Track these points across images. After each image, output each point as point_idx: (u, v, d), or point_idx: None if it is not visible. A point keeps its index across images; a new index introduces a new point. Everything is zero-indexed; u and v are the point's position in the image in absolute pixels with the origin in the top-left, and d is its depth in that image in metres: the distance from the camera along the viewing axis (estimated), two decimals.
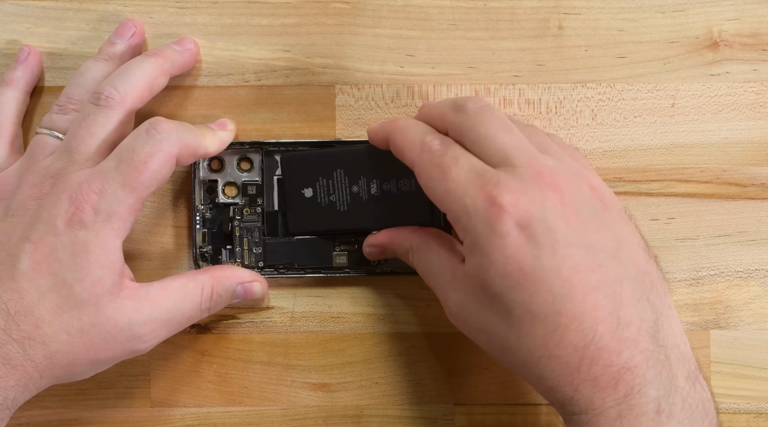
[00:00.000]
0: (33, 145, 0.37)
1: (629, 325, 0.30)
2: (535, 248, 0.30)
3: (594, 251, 0.30)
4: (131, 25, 0.39)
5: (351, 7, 0.40)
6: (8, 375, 0.32)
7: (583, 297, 0.30)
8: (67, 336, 0.33)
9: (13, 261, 0.33)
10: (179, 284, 0.36)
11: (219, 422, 0.40)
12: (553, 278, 0.30)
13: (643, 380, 0.29)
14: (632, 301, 0.30)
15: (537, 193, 0.30)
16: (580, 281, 0.30)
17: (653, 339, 0.30)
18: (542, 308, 0.30)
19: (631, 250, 0.31)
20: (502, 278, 0.30)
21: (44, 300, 0.33)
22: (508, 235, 0.30)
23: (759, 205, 0.40)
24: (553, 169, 0.31)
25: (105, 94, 0.35)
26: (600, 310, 0.30)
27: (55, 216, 0.33)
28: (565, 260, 0.30)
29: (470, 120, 0.33)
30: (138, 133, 0.34)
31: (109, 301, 0.33)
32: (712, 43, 0.40)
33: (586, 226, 0.31)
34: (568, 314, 0.29)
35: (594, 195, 0.32)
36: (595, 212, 0.31)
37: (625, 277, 0.30)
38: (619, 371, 0.29)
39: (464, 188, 0.31)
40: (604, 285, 0.30)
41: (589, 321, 0.29)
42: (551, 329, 0.30)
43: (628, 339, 0.30)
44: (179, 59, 0.38)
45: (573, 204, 0.31)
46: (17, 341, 0.32)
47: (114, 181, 0.33)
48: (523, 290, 0.30)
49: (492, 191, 0.30)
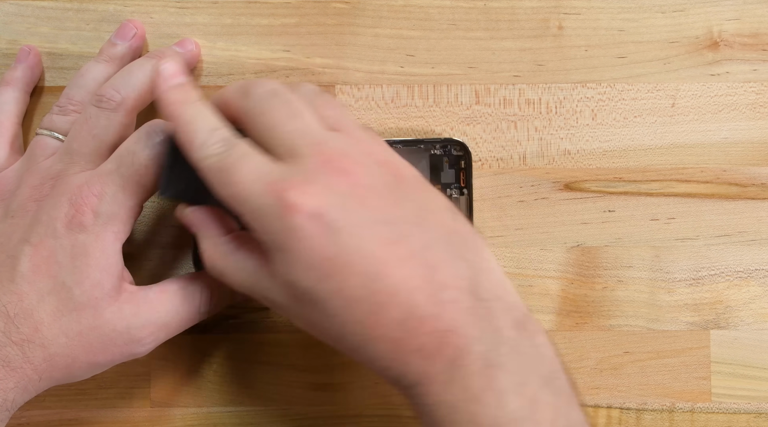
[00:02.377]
0: (33, 146, 0.36)
1: (446, 287, 0.29)
2: (334, 234, 0.29)
3: (395, 223, 0.30)
4: (132, 26, 0.39)
5: (351, 7, 0.40)
6: (7, 377, 0.32)
7: (394, 271, 0.29)
8: (66, 339, 0.33)
9: (12, 264, 0.33)
10: (178, 287, 0.35)
11: (219, 422, 0.40)
12: (360, 259, 0.29)
13: (468, 338, 0.29)
14: (445, 262, 0.29)
15: (325, 181, 0.29)
16: (387, 256, 0.29)
17: (473, 295, 0.29)
18: (356, 291, 0.29)
19: (434, 214, 0.31)
20: (309, 271, 0.29)
21: (43, 303, 0.33)
22: (303, 228, 0.29)
23: (759, 205, 0.40)
24: (342, 151, 0.30)
25: (106, 96, 0.35)
26: (414, 279, 0.29)
27: (55, 219, 0.33)
28: (368, 239, 0.29)
29: (255, 108, 0.32)
30: (138, 135, 0.34)
31: (108, 304, 0.33)
32: (712, 43, 0.40)
33: (381, 201, 0.30)
34: (383, 292, 0.29)
35: (386, 170, 0.31)
36: (388, 187, 0.30)
37: (433, 240, 0.30)
38: (442, 335, 0.29)
39: (250, 190, 0.30)
40: (412, 254, 0.29)
41: (405, 293, 0.29)
42: (370, 311, 0.29)
43: (447, 301, 0.29)
44: (180, 61, 0.38)
45: (365, 183, 0.30)
46: (17, 343, 0.32)
47: (114, 183, 0.33)
48: (333, 279, 0.29)
49: (278, 188, 0.29)
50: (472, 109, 0.40)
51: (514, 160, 0.40)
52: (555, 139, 0.40)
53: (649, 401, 0.40)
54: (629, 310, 0.40)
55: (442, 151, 0.40)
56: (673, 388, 0.40)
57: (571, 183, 0.40)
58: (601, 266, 0.40)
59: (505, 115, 0.40)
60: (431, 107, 0.40)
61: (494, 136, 0.40)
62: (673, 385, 0.40)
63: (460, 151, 0.39)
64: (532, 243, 0.40)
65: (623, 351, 0.40)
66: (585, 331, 0.40)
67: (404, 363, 0.29)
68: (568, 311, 0.40)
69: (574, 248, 0.40)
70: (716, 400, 0.40)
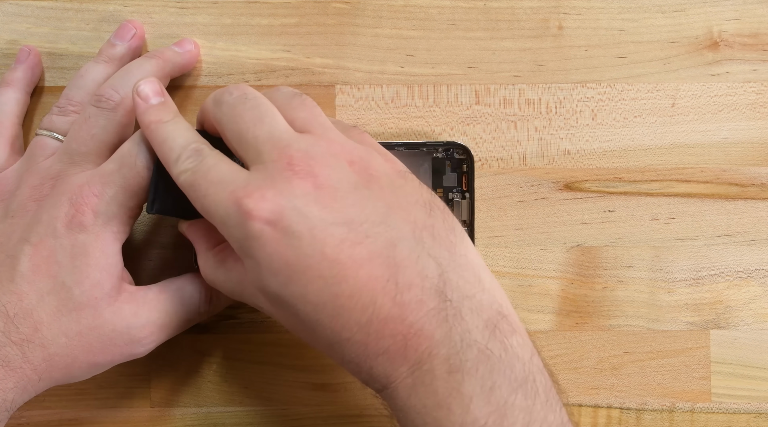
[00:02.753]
0: (33, 147, 0.37)
1: (410, 287, 0.28)
2: (292, 238, 0.29)
3: (357, 224, 0.29)
4: (131, 26, 0.39)
5: (351, 7, 0.40)
6: (7, 377, 0.32)
7: (356, 272, 0.28)
8: (66, 339, 0.33)
9: (12, 263, 0.33)
10: (177, 287, 0.35)
11: (219, 422, 0.40)
12: (320, 263, 0.29)
13: (432, 341, 0.28)
14: (410, 261, 0.29)
15: (285, 185, 0.29)
16: (348, 258, 0.29)
17: (440, 295, 0.29)
18: (319, 295, 0.29)
19: (404, 211, 0.30)
20: (274, 277, 0.29)
21: (43, 303, 0.33)
22: (261, 234, 0.29)
23: (759, 205, 0.40)
24: (306, 154, 0.30)
25: (105, 96, 0.35)
26: (376, 280, 0.28)
27: (55, 218, 0.33)
28: (327, 241, 0.29)
29: (226, 115, 0.32)
30: (139, 137, 0.34)
31: (107, 304, 0.33)
32: (712, 43, 0.40)
33: (345, 202, 0.29)
34: (344, 295, 0.28)
35: (355, 169, 0.31)
36: (354, 186, 0.30)
37: (398, 239, 0.29)
38: (405, 338, 0.28)
39: (216, 200, 0.30)
40: (375, 255, 0.29)
41: (367, 295, 0.28)
42: (334, 314, 0.29)
43: (411, 302, 0.28)
44: (179, 61, 0.38)
45: (328, 185, 0.30)
46: (16, 343, 0.32)
47: (115, 183, 0.33)
48: (296, 283, 0.29)
49: (238, 196, 0.29)
50: (472, 109, 0.40)
51: (514, 160, 0.40)
52: (555, 139, 0.40)
53: (649, 401, 0.40)
54: (629, 310, 0.40)
55: (444, 154, 0.39)
56: (673, 388, 0.40)
57: (571, 183, 0.40)
58: (601, 266, 0.40)
59: (505, 115, 0.40)
60: (431, 107, 0.40)
61: (494, 136, 0.40)
62: (673, 385, 0.40)
63: (462, 154, 0.39)
64: (532, 243, 0.40)
65: (623, 351, 0.40)
66: (585, 331, 0.40)
67: (371, 366, 0.29)
68: (568, 311, 0.40)
69: (574, 248, 0.40)
70: (716, 400, 0.40)
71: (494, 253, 0.40)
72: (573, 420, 0.30)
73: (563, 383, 0.40)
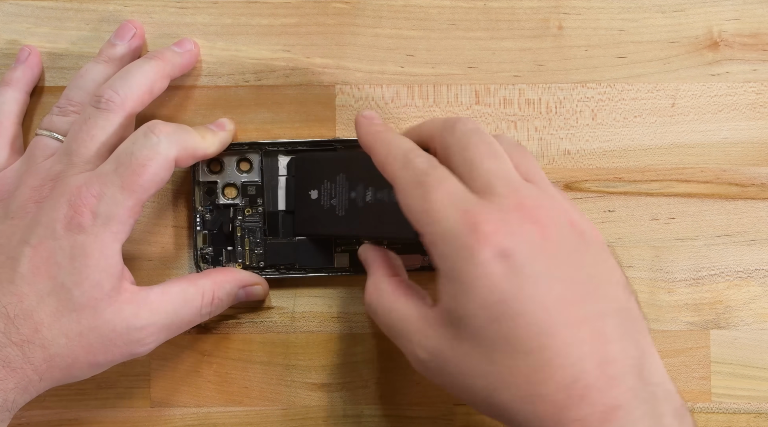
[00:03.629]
0: (33, 147, 0.37)
1: (614, 361, 0.28)
2: (516, 278, 0.28)
3: (575, 285, 0.29)
4: (131, 26, 0.39)
5: (351, 7, 0.40)
6: (8, 378, 0.32)
7: (567, 331, 0.28)
8: (66, 340, 0.33)
9: (12, 265, 0.33)
10: (179, 288, 0.35)
11: (219, 422, 0.40)
12: (536, 311, 0.28)
13: (631, 419, 0.28)
14: (615, 337, 0.29)
15: (518, 225, 0.29)
16: (563, 315, 0.28)
17: (639, 377, 0.28)
18: (526, 342, 0.28)
19: (611, 287, 0.30)
20: (482, 310, 0.28)
21: (43, 304, 0.33)
22: (488, 264, 0.28)
23: (759, 205, 0.40)
24: (536, 201, 0.30)
25: (105, 97, 0.35)
26: (585, 345, 0.28)
27: (55, 220, 0.33)
28: (548, 293, 0.28)
29: (458, 142, 0.32)
30: (136, 136, 0.34)
31: (107, 305, 0.33)
32: (712, 43, 0.40)
33: (566, 260, 0.29)
34: (552, 349, 0.28)
35: (575, 230, 0.30)
36: (575, 248, 0.30)
37: (607, 313, 0.29)
38: (606, 411, 0.28)
39: (445, 211, 0.29)
40: (587, 320, 0.29)
41: (575, 357, 0.28)
42: (537, 366, 0.28)
43: (615, 376, 0.28)
44: (180, 62, 0.38)
45: (553, 238, 0.29)
46: (17, 344, 0.32)
47: (113, 184, 0.33)
48: (505, 323, 0.28)
49: (474, 218, 0.29)
50: (472, 109, 0.40)
51: None
52: (555, 139, 0.40)
53: None
54: None
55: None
56: None
57: (571, 183, 0.40)
58: None
59: (505, 115, 0.40)
60: (431, 107, 0.40)
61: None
62: None
63: None
64: None
65: None
66: None
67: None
68: None
69: None
70: (716, 400, 0.40)
71: None
72: None
73: None
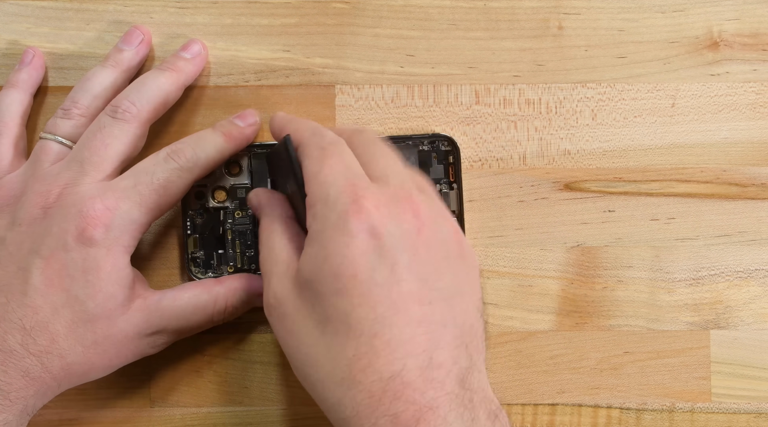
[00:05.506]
0: (37, 151, 0.36)
1: (440, 366, 0.29)
2: (377, 260, 0.29)
3: (429, 287, 0.30)
4: (139, 32, 0.39)
5: (351, 7, 0.40)
6: (28, 386, 0.33)
7: (403, 327, 0.29)
8: (83, 348, 0.33)
9: (24, 276, 0.33)
10: (192, 294, 0.36)
11: (219, 422, 0.40)
12: (382, 297, 0.29)
13: (444, 421, 0.28)
14: (450, 346, 0.29)
15: (398, 213, 0.30)
16: (405, 310, 0.29)
17: (461, 383, 0.29)
18: (360, 324, 0.29)
19: (464, 303, 0.31)
20: (332, 278, 0.29)
21: (58, 316, 0.33)
22: (356, 236, 0.29)
23: (759, 205, 0.40)
24: (424, 201, 0.31)
25: (122, 107, 0.36)
26: (415, 345, 0.29)
27: (65, 231, 0.33)
28: (400, 285, 0.29)
29: (366, 139, 0.34)
30: (158, 158, 0.35)
31: (120, 314, 0.34)
32: (712, 43, 0.40)
33: (431, 262, 0.30)
34: (383, 339, 0.28)
35: (454, 239, 0.32)
36: (446, 256, 0.31)
37: (451, 322, 0.30)
38: (420, 410, 0.28)
39: (334, 177, 0.31)
40: (426, 322, 0.29)
41: (401, 352, 0.28)
42: (363, 351, 0.28)
43: (435, 379, 0.29)
44: (192, 70, 0.39)
45: (428, 237, 0.30)
46: (35, 355, 0.33)
47: (130, 199, 0.34)
48: (348, 298, 0.29)
49: (358, 192, 0.30)
50: (472, 109, 0.40)
51: (514, 160, 0.40)
52: (555, 139, 0.40)
53: (649, 401, 0.40)
54: (629, 310, 0.40)
55: (430, 146, 0.40)
56: (673, 388, 0.40)
57: (571, 183, 0.40)
58: (601, 266, 0.40)
59: (505, 115, 0.40)
60: (431, 107, 0.40)
61: (494, 136, 0.40)
62: (673, 385, 0.40)
63: (448, 146, 0.39)
64: (532, 243, 0.40)
65: (623, 351, 0.40)
66: (585, 331, 0.40)
67: (373, 424, 0.28)
68: (568, 311, 0.40)
69: (574, 248, 0.40)
70: (716, 400, 0.40)
71: (494, 253, 0.40)
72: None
73: (563, 383, 0.40)
